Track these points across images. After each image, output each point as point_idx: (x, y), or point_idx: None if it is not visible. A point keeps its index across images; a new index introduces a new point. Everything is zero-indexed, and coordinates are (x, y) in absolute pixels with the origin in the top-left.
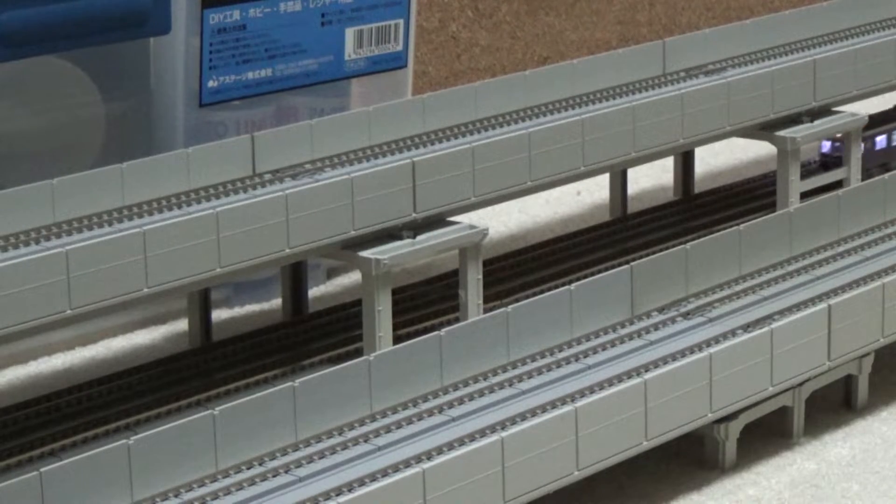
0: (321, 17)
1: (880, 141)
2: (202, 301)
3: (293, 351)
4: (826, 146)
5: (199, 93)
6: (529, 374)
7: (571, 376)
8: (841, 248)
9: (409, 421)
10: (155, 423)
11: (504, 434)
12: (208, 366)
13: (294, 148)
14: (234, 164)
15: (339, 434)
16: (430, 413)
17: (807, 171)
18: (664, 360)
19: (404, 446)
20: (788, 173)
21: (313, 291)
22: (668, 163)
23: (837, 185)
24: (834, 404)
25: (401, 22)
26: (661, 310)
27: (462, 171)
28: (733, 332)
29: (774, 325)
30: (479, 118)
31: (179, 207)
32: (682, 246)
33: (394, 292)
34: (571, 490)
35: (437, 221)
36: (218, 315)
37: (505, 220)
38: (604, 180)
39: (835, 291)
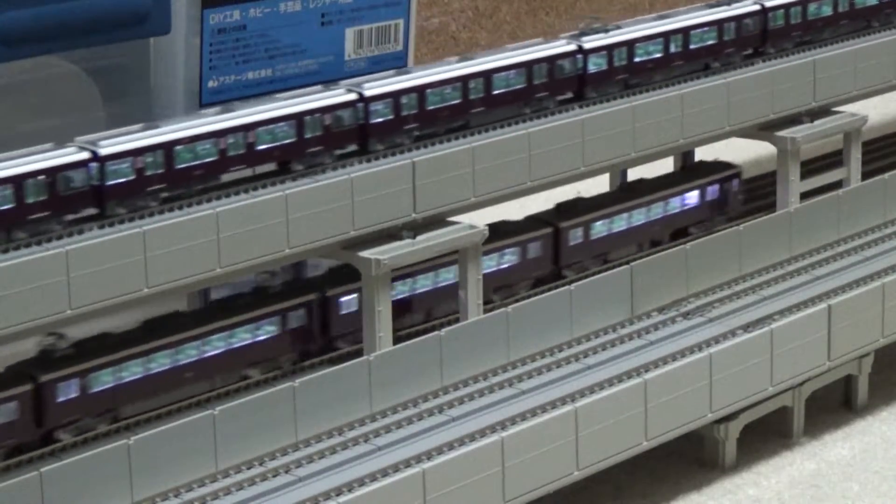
0: (321, 17)
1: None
2: (202, 301)
3: None
4: None
5: (199, 93)
6: (529, 374)
7: (571, 376)
8: (841, 248)
9: (409, 421)
10: (155, 423)
11: (504, 434)
12: None
13: None
14: None
15: (339, 434)
16: (430, 413)
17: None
18: (664, 360)
19: (404, 446)
20: (788, 173)
21: None
22: (669, 163)
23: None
24: (834, 404)
25: (401, 22)
26: (661, 310)
27: (462, 171)
28: (733, 332)
29: (774, 325)
30: None
31: (180, 208)
32: (682, 246)
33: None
34: (571, 490)
35: (437, 221)
36: None
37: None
38: (604, 180)
39: (835, 291)
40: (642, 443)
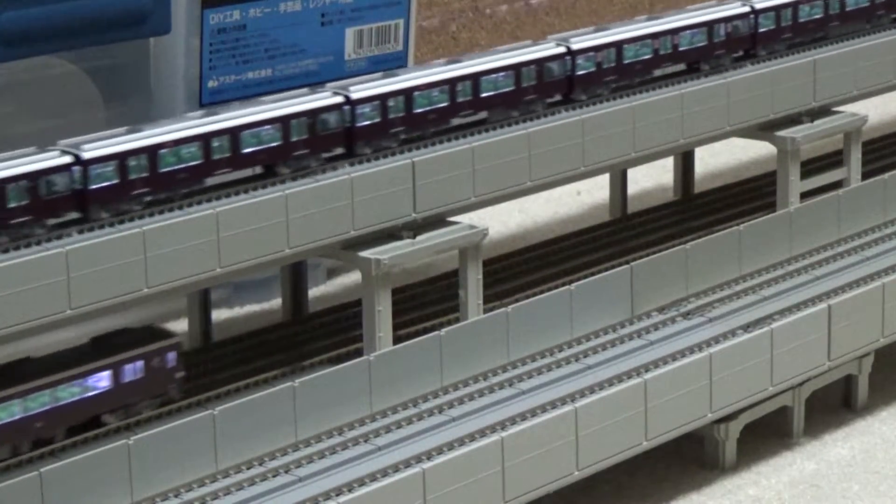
0: (321, 17)
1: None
2: (202, 301)
3: (293, 351)
4: None
5: (199, 93)
6: (529, 374)
7: (571, 376)
8: (841, 248)
9: (409, 421)
10: (155, 423)
11: (504, 434)
12: (208, 366)
13: None
14: None
15: (339, 434)
16: (430, 413)
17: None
18: (664, 360)
19: (404, 446)
20: (788, 173)
21: (313, 291)
22: (668, 163)
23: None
24: (834, 404)
25: (401, 22)
26: (661, 310)
27: (462, 171)
28: (733, 332)
29: (774, 325)
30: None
31: (180, 208)
32: (682, 246)
33: (394, 292)
34: (571, 490)
35: (437, 221)
36: (218, 315)
37: (505, 220)
38: (604, 180)
39: (835, 291)
40: (642, 443)
